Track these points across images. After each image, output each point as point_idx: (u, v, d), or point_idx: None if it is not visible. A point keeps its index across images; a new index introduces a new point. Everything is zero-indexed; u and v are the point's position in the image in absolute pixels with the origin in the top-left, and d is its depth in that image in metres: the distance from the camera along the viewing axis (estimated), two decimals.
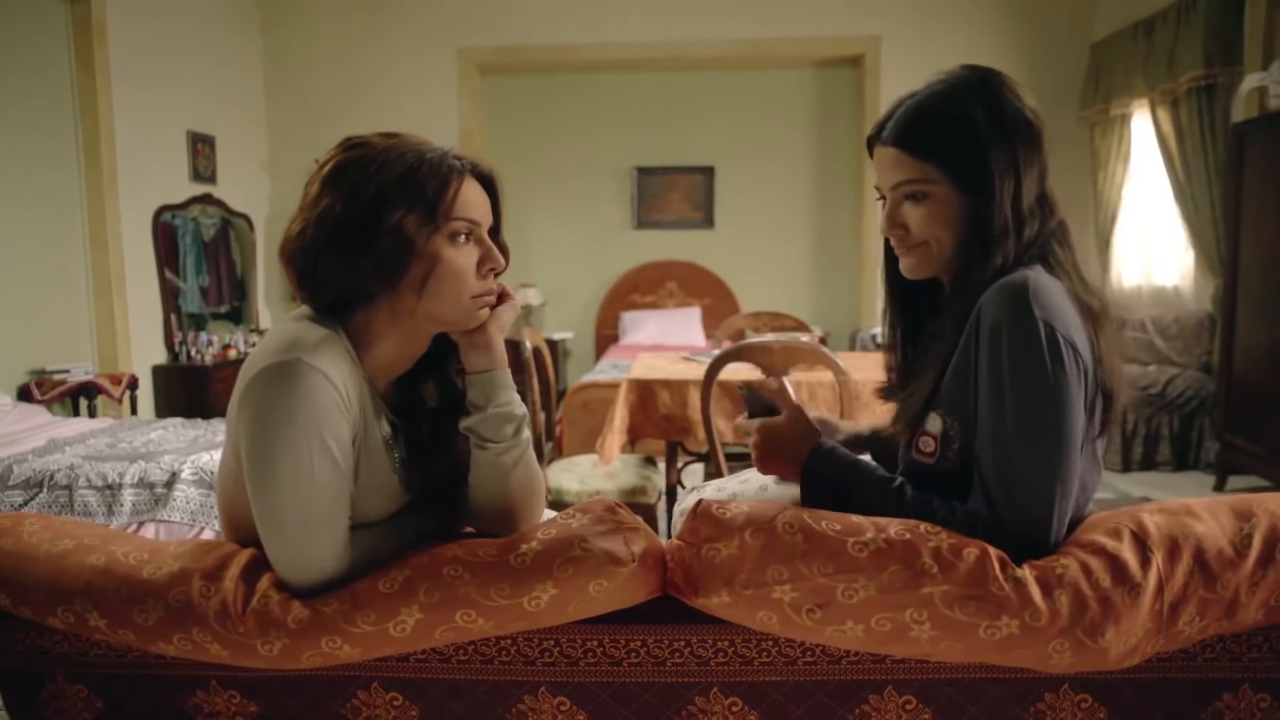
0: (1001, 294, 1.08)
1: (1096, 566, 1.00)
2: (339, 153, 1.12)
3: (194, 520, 2.55)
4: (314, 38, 6.07)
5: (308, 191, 1.12)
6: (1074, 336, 1.06)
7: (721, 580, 1.03)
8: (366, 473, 1.13)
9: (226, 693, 1.12)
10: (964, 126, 1.13)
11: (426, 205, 1.08)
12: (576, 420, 3.89)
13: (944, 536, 1.04)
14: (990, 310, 1.08)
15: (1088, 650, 0.98)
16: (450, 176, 1.10)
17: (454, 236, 1.10)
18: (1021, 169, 1.14)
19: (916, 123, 1.16)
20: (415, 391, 1.23)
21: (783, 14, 5.94)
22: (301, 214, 1.11)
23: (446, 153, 1.12)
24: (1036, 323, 1.04)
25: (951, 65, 1.20)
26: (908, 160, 1.16)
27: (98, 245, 4.47)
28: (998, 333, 1.06)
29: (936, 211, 1.16)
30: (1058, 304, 1.07)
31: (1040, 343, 1.04)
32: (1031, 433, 1.04)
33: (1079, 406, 1.06)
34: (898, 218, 1.19)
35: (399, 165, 1.08)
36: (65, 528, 1.17)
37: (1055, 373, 1.03)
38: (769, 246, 6.82)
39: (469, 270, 1.12)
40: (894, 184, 1.18)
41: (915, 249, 1.20)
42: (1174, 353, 4.71)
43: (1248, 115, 4.09)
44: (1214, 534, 1.03)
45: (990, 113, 1.13)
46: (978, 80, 1.16)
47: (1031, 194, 1.16)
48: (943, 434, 1.15)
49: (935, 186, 1.15)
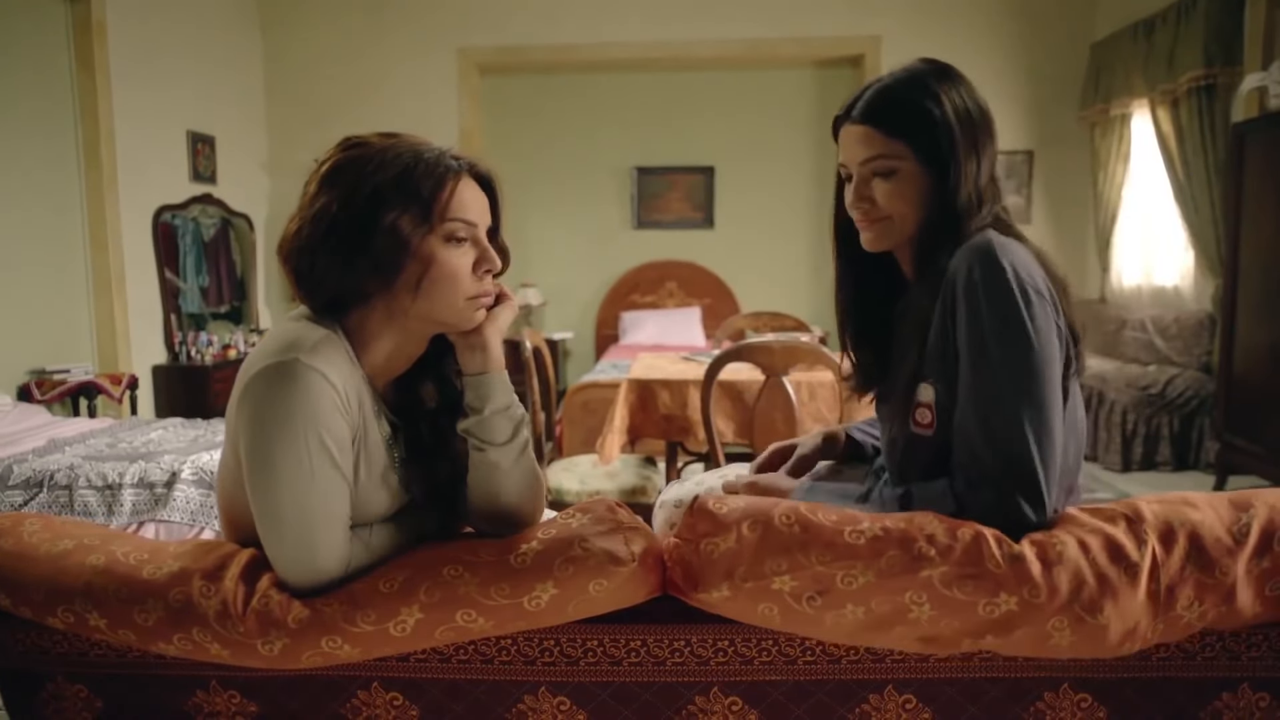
0: (970, 253, 1.15)
1: (1094, 545, 1.02)
2: (337, 152, 1.12)
3: (194, 520, 2.55)
4: (314, 38, 6.07)
5: (306, 191, 1.12)
6: (1039, 283, 1.14)
7: (721, 574, 1.03)
8: (366, 473, 1.13)
9: (226, 693, 1.12)
10: (932, 110, 1.21)
11: (421, 205, 1.08)
12: (576, 420, 3.89)
13: (938, 522, 1.05)
14: (963, 269, 1.15)
15: (1087, 628, 0.99)
16: (446, 177, 1.10)
17: (449, 237, 1.10)
18: (980, 152, 1.22)
19: (886, 103, 1.23)
20: (415, 392, 1.23)
21: (783, 14, 5.94)
22: (299, 213, 1.11)
23: (444, 153, 1.12)
24: (1008, 275, 1.12)
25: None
26: (878, 137, 1.23)
27: (98, 245, 4.47)
28: (973, 288, 1.13)
29: (903, 187, 1.23)
30: (1021, 256, 1.16)
31: (1013, 293, 1.11)
32: (1017, 385, 1.10)
33: (1054, 350, 1.13)
34: (865, 191, 1.26)
35: (395, 165, 1.09)
36: (65, 528, 1.17)
37: (1030, 319, 1.11)
38: (769, 246, 6.82)
39: (464, 271, 1.11)
40: (863, 159, 1.25)
41: (878, 223, 1.27)
42: (1174, 353, 4.71)
43: (1248, 115, 4.09)
44: (1211, 522, 1.05)
45: (954, 100, 1.22)
46: (940, 70, 1.25)
47: (986, 175, 1.24)
48: (936, 402, 1.19)
49: (903, 163, 1.22)
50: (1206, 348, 4.60)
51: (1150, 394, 4.50)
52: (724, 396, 2.94)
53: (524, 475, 1.17)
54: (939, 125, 1.20)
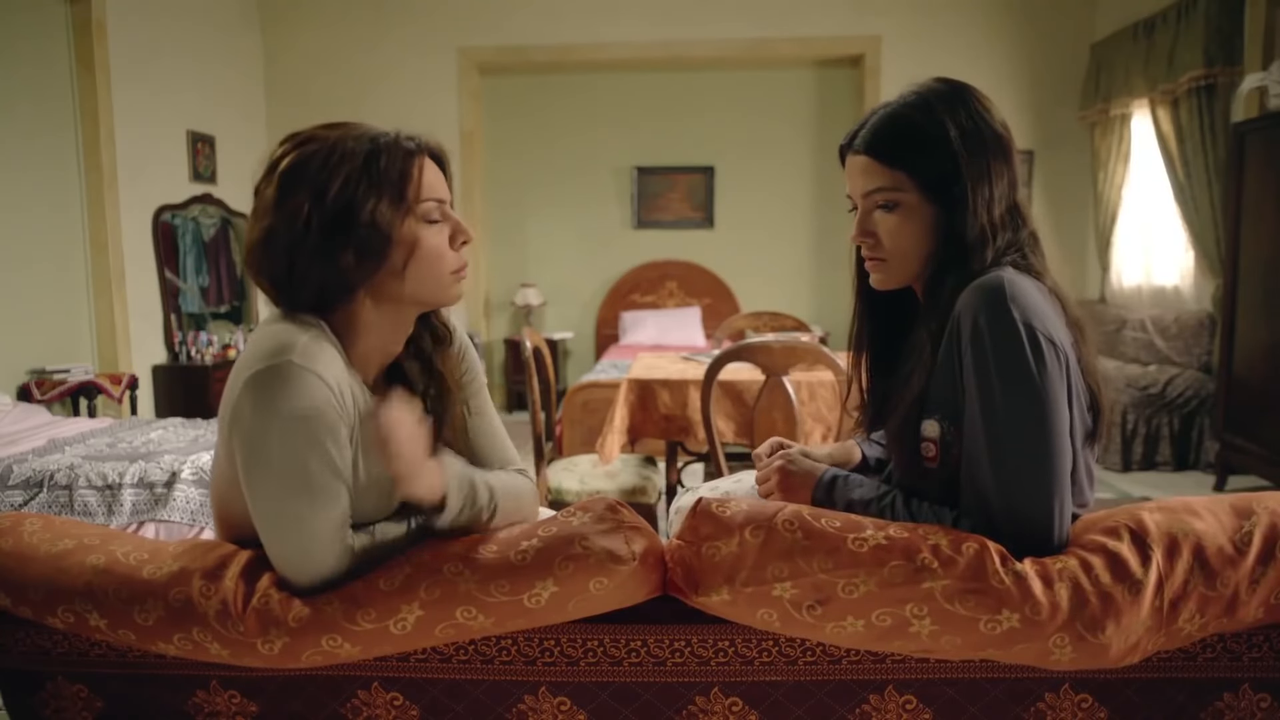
0: (978, 296, 1.09)
1: (1097, 564, 1.01)
2: (290, 149, 1.10)
3: (194, 520, 2.55)
4: (314, 38, 6.07)
5: (262, 195, 1.10)
6: (1052, 331, 1.08)
7: (722, 578, 1.03)
8: (364, 469, 1.13)
9: (227, 692, 1.12)
10: (934, 137, 1.15)
11: (394, 190, 1.09)
12: (576, 420, 3.89)
13: (943, 534, 1.04)
14: (969, 313, 1.09)
15: (1088, 646, 0.98)
16: (411, 160, 1.11)
17: (425, 218, 1.12)
18: (993, 180, 1.15)
19: (888, 132, 1.18)
20: (401, 377, 1.23)
21: (783, 14, 5.94)
22: (262, 219, 1.09)
23: (399, 134, 1.13)
24: (1016, 323, 1.06)
25: (953, 67, 1.22)
26: (879, 168, 1.18)
27: (98, 245, 4.47)
28: (979, 335, 1.07)
29: (906, 220, 1.18)
30: (1033, 301, 1.09)
31: (1021, 343, 1.05)
32: (1024, 439, 1.05)
33: (1064, 401, 1.07)
34: (868, 225, 1.22)
35: (358, 154, 1.08)
36: (65, 527, 1.17)
37: (1039, 371, 1.05)
38: (769, 246, 6.82)
39: (444, 247, 1.14)
40: (865, 192, 1.21)
41: (882, 264, 1.22)
42: (1174, 352, 4.71)
43: (1248, 115, 4.09)
44: (1214, 531, 1.04)
45: (961, 124, 1.15)
46: (949, 92, 1.18)
47: (1002, 204, 1.17)
48: (941, 438, 1.16)
49: (905, 195, 1.17)
50: (1206, 348, 4.60)
51: (1150, 394, 4.50)
52: (724, 396, 2.94)
53: (506, 517, 1.18)
54: (940, 152, 1.14)
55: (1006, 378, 1.05)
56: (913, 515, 1.16)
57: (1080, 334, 1.14)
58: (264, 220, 1.09)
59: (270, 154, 1.12)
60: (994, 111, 1.18)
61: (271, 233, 1.08)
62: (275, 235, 1.07)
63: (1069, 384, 1.08)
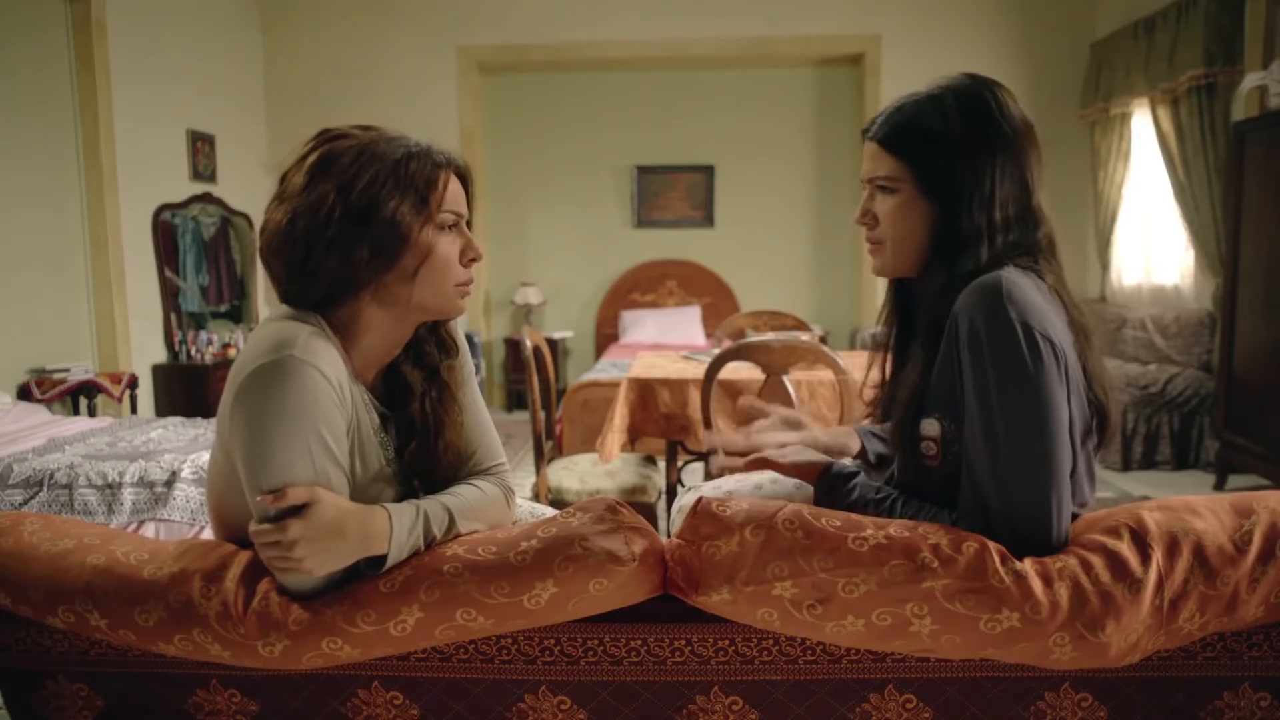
0: (975, 295, 1.09)
1: (1097, 563, 1.01)
2: (323, 142, 1.12)
3: (194, 519, 2.55)
4: (314, 37, 6.06)
5: (290, 182, 1.11)
6: (1049, 330, 1.07)
7: (722, 577, 1.03)
8: (362, 465, 1.14)
9: (227, 691, 1.12)
10: (937, 134, 1.15)
11: (418, 196, 1.10)
12: (576, 419, 3.88)
13: (943, 533, 1.04)
14: (966, 312, 1.09)
15: (1089, 645, 0.98)
16: (439, 170, 1.13)
17: (442, 227, 1.13)
18: (997, 180, 1.14)
19: (896, 123, 1.20)
20: (400, 378, 1.24)
21: (783, 13, 5.94)
22: (287, 203, 1.10)
23: (430, 147, 1.15)
24: (1013, 322, 1.05)
25: (953, 65, 1.23)
26: (884, 156, 1.20)
27: (98, 244, 4.47)
28: (976, 335, 1.07)
29: (901, 209, 1.19)
30: (1032, 300, 1.08)
31: (1018, 341, 1.05)
32: (1022, 438, 1.05)
33: (1062, 400, 1.06)
34: (868, 205, 1.24)
35: (389, 155, 1.10)
36: (65, 527, 1.17)
37: (1036, 370, 1.05)
38: (769, 245, 6.81)
39: (455, 259, 1.15)
40: (870, 176, 1.23)
41: (879, 248, 1.24)
42: (1174, 352, 4.71)
43: (1248, 114, 4.09)
44: (1214, 530, 1.04)
45: (971, 123, 1.14)
46: (969, 90, 1.17)
47: (1010, 205, 1.16)
48: (942, 437, 1.16)
49: (902, 185, 1.19)
50: (1206, 347, 4.60)
51: (1150, 393, 4.50)
52: (724, 395, 2.94)
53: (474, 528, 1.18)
54: (939, 150, 1.15)
55: (1003, 376, 1.05)
56: (913, 516, 1.16)
57: (1085, 339, 1.14)
58: (288, 205, 1.10)
59: (302, 145, 1.14)
60: (1013, 112, 1.17)
61: (293, 218, 1.08)
62: (296, 221, 1.08)
63: (1067, 383, 1.08)
